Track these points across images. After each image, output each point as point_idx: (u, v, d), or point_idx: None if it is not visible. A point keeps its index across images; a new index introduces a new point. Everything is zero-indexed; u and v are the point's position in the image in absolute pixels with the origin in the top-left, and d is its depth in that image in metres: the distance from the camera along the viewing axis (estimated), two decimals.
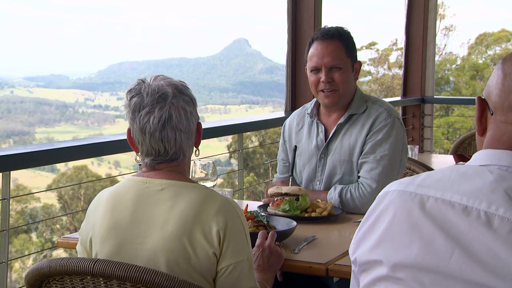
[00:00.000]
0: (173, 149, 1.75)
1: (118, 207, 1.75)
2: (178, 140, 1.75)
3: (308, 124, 2.90)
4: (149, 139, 1.74)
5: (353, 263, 1.33)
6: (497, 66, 1.29)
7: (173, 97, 1.74)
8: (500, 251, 1.10)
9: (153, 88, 1.74)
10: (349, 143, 2.76)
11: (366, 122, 2.74)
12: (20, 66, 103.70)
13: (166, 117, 1.73)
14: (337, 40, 2.74)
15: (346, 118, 2.78)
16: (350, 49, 2.77)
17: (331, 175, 2.79)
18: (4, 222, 2.76)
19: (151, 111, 1.73)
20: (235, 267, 1.70)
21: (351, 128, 2.77)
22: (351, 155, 2.75)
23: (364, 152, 2.72)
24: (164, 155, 1.76)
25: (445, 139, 21.38)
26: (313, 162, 2.84)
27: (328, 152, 2.81)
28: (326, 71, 2.73)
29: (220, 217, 1.69)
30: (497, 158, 1.22)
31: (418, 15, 6.56)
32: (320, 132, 2.84)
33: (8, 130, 53.22)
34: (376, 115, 2.74)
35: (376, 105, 2.78)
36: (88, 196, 23.72)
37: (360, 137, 2.74)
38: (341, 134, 2.79)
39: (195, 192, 1.72)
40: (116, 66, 78.76)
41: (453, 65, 29.86)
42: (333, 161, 2.78)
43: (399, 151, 2.73)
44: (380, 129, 2.72)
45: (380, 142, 2.70)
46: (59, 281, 1.66)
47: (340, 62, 2.74)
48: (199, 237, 1.67)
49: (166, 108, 1.73)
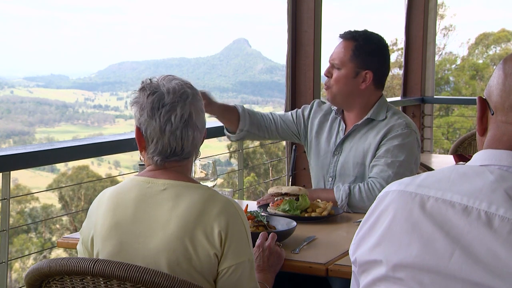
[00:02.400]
0: (189, 147, 1.78)
1: (120, 206, 1.75)
2: (195, 138, 1.78)
3: (331, 120, 2.94)
4: (168, 137, 1.75)
5: (353, 264, 1.33)
6: (498, 66, 1.29)
7: (192, 97, 1.78)
8: (500, 251, 1.10)
9: (173, 86, 1.77)
10: (364, 146, 2.78)
11: (383, 129, 2.76)
12: (20, 66, 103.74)
13: (187, 115, 1.76)
14: (351, 41, 2.75)
15: (364, 121, 2.80)
16: (360, 56, 2.74)
17: (343, 174, 2.82)
18: (4, 222, 2.76)
19: (171, 109, 1.75)
20: (236, 268, 1.70)
21: (368, 133, 2.79)
22: (364, 158, 2.77)
23: (377, 155, 2.73)
24: (179, 153, 1.78)
25: (445, 139, 21.39)
26: (328, 157, 2.88)
27: (342, 150, 2.84)
28: (329, 67, 2.79)
29: (222, 218, 1.69)
30: (498, 158, 1.22)
31: (418, 15, 6.55)
32: (341, 130, 2.88)
33: (8, 130, 53.24)
34: (394, 123, 2.75)
35: (396, 116, 2.79)
36: (89, 196, 23.73)
37: (374, 142, 2.75)
38: (357, 136, 2.82)
39: (197, 193, 1.73)
40: (116, 66, 78.76)
41: (453, 65, 29.87)
42: (345, 160, 2.81)
43: (411, 162, 2.74)
44: (396, 136, 2.72)
45: (393, 148, 2.71)
46: (59, 281, 1.66)
47: (340, 64, 2.75)
48: (201, 238, 1.67)
49: (187, 107, 1.76)
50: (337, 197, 2.68)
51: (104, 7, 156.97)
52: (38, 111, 58.69)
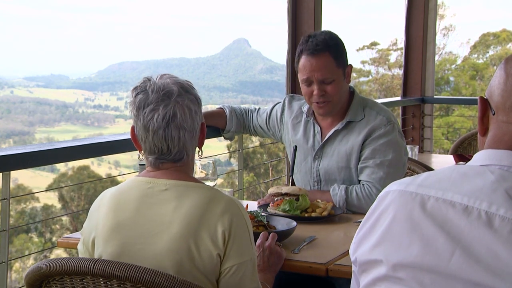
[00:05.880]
0: (176, 148, 1.74)
1: (121, 207, 1.74)
2: (182, 139, 1.73)
3: (304, 122, 2.90)
4: (152, 137, 1.72)
5: (354, 263, 1.33)
6: (500, 66, 1.29)
7: (178, 95, 1.73)
8: (500, 251, 1.10)
9: (158, 85, 1.73)
10: (346, 149, 2.76)
11: (363, 129, 2.74)
12: (20, 66, 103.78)
13: (171, 115, 1.71)
14: (326, 53, 2.68)
15: (343, 125, 2.78)
16: (339, 59, 2.72)
17: (328, 179, 2.81)
18: (4, 222, 2.75)
19: (155, 108, 1.71)
20: (238, 268, 1.69)
21: (348, 135, 2.77)
22: (349, 161, 2.76)
23: (364, 157, 2.72)
24: (167, 154, 1.74)
25: (445, 139, 21.38)
26: (308, 161, 2.86)
27: (323, 154, 2.82)
28: (318, 84, 2.70)
29: (225, 217, 1.67)
30: (498, 158, 1.22)
31: (418, 15, 6.55)
32: (317, 133, 2.84)
33: (8, 130, 53.25)
34: (375, 122, 2.73)
35: (374, 112, 2.77)
36: (89, 196, 23.72)
37: (356, 144, 2.74)
38: (337, 139, 2.79)
39: (200, 193, 1.71)
40: (116, 66, 78.78)
41: (453, 65, 29.87)
42: (329, 165, 2.80)
43: (401, 155, 2.75)
44: (380, 135, 2.71)
45: (380, 148, 2.70)
46: (59, 281, 1.66)
47: (331, 75, 2.70)
48: (205, 238, 1.66)
49: (171, 106, 1.71)
50: (334, 201, 2.69)
51: (104, 7, 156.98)
52: (38, 111, 58.69)
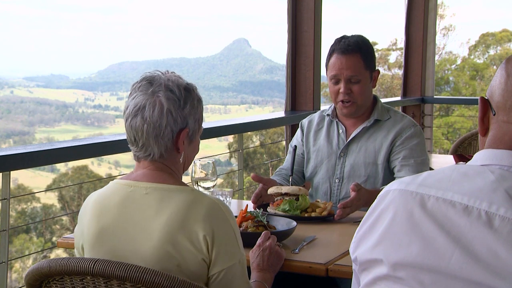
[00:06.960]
0: (141, 140, 1.72)
1: (104, 212, 1.72)
2: (145, 132, 1.71)
3: (327, 125, 3.01)
4: (125, 124, 1.75)
5: (354, 262, 1.33)
6: (501, 66, 1.29)
7: (156, 89, 1.71)
8: (500, 251, 1.10)
9: (148, 75, 1.75)
10: (374, 146, 2.87)
11: (392, 128, 2.86)
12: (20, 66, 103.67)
13: (141, 106, 1.71)
14: (357, 53, 2.82)
15: (372, 123, 2.89)
16: (369, 61, 2.85)
17: (352, 175, 2.88)
18: (4, 222, 2.76)
19: (135, 97, 1.73)
20: (227, 272, 1.67)
21: (376, 133, 2.89)
22: (376, 158, 2.86)
23: (402, 156, 2.81)
24: (135, 145, 1.75)
25: (445, 139, 21.39)
26: (332, 159, 2.94)
27: (348, 152, 2.91)
28: (345, 83, 2.83)
29: (206, 222, 1.64)
30: (498, 158, 1.22)
31: (418, 15, 6.56)
32: (341, 133, 2.95)
33: (8, 130, 53.22)
34: (403, 123, 2.87)
35: (399, 114, 2.93)
36: None
37: (385, 142, 2.85)
38: (365, 136, 2.90)
39: (180, 197, 1.68)
40: (116, 66, 78.74)
41: (453, 65, 29.86)
42: (355, 161, 2.89)
43: (427, 157, 2.89)
44: (412, 135, 2.84)
45: (416, 147, 2.83)
46: (59, 281, 1.66)
47: (359, 75, 2.82)
48: (185, 244, 1.63)
49: (145, 97, 1.71)
50: None
51: (104, 7, 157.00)
52: (38, 111, 58.66)
